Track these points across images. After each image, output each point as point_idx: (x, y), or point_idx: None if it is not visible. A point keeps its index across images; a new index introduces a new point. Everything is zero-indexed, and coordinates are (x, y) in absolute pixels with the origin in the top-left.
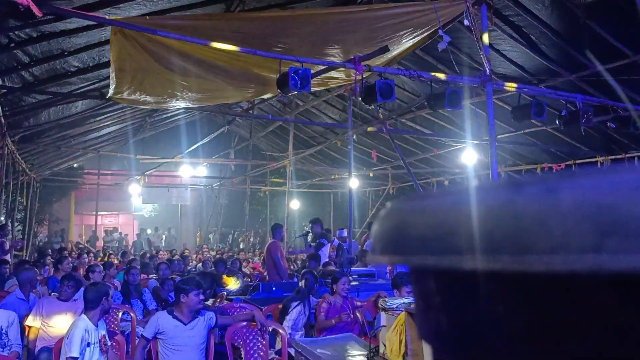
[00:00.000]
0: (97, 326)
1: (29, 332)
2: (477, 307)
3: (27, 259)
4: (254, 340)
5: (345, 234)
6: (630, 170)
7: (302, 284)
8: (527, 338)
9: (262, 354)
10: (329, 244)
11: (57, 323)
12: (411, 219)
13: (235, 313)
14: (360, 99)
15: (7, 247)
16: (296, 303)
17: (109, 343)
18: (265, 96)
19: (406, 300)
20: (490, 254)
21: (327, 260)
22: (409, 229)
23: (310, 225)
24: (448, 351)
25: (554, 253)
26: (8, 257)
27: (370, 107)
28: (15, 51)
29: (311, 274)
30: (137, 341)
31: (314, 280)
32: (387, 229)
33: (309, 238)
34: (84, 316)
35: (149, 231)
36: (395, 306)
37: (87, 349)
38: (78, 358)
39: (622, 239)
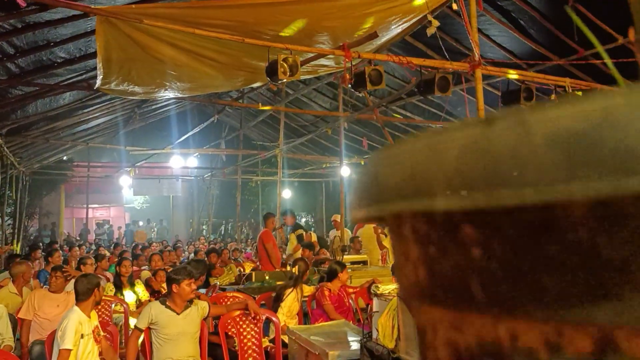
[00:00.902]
0: (89, 317)
1: (21, 325)
2: (452, 252)
3: (18, 252)
4: (248, 329)
5: (338, 218)
6: (601, 97)
7: (295, 270)
8: (505, 279)
9: (256, 342)
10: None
11: (49, 315)
12: (384, 168)
13: (229, 302)
14: (350, 86)
15: None
16: (290, 290)
17: (102, 334)
18: (255, 85)
19: None
20: (463, 191)
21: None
22: (381, 177)
23: (282, 217)
24: (430, 303)
25: (527, 185)
26: None
27: (361, 95)
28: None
29: (303, 260)
30: (130, 332)
31: (306, 266)
32: (361, 183)
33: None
34: (76, 308)
35: (140, 223)
36: (387, 292)
37: (81, 340)
38: (72, 350)
39: (593, 166)
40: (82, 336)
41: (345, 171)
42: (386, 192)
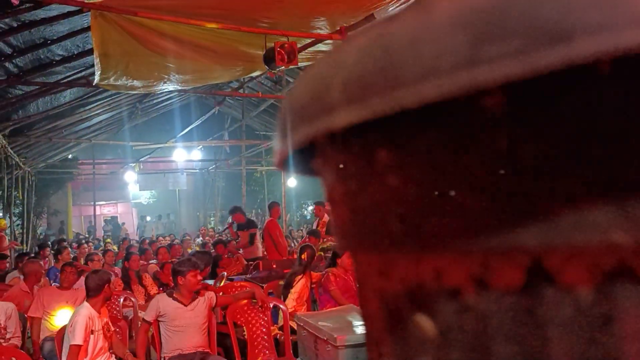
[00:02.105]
0: (99, 313)
1: (31, 323)
2: (369, 183)
3: (27, 251)
4: (256, 318)
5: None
6: None
7: (304, 256)
8: (423, 207)
9: (264, 330)
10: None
11: (59, 312)
12: (295, 93)
13: (236, 292)
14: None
15: (6, 242)
16: (300, 276)
17: (112, 329)
18: (254, 74)
19: None
20: (361, 99)
21: None
22: (291, 105)
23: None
24: (357, 248)
25: (424, 78)
26: (7, 251)
27: None
28: None
29: (310, 246)
30: (139, 325)
31: (313, 253)
32: (277, 119)
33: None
34: (86, 304)
35: (148, 218)
36: None
37: (91, 336)
38: (82, 345)
39: (500, 43)
40: (92, 332)
41: None
42: (292, 118)
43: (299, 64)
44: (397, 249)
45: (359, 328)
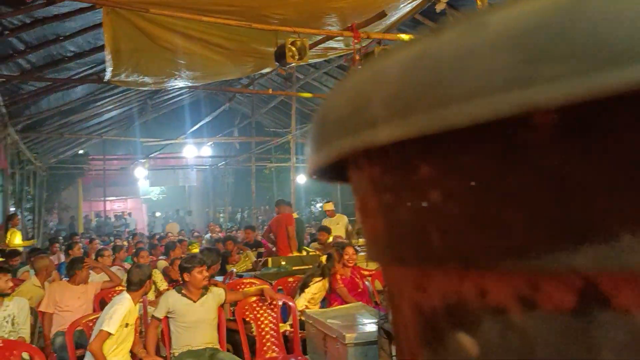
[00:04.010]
0: (135, 307)
1: (43, 317)
2: (408, 197)
3: (38, 247)
4: (265, 314)
5: (331, 207)
6: None
7: (323, 259)
8: (467, 224)
9: (273, 327)
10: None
11: (71, 307)
12: (330, 104)
13: (245, 289)
14: (360, 67)
15: (18, 238)
16: (318, 279)
17: (142, 327)
18: (265, 70)
19: None
20: (405, 115)
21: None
22: (327, 116)
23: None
24: (392, 261)
25: (475, 96)
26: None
27: None
28: (9, 39)
29: (337, 252)
30: (149, 321)
31: (338, 258)
32: (311, 129)
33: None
34: (128, 296)
35: (157, 214)
36: None
37: (125, 329)
38: (113, 335)
39: (558, 62)
40: (126, 325)
41: None
42: (328, 130)
43: (309, 60)
44: (436, 265)
45: (368, 326)
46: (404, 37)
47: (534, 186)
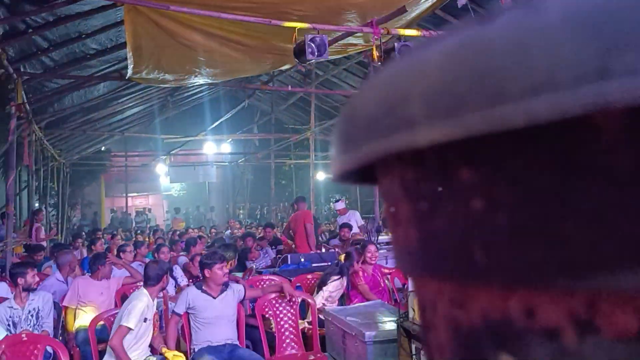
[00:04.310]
0: (154, 303)
1: (65, 312)
2: (447, 206)
3: (62, 242)
4: (284, 311)
5: (342, 205)
6: None
7: (342, 258)
8: (517, 237)
9: (292, 323)
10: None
11: (93, 302)
12: (361, 101)
13: (265, 285)
14: (380, 63)
15: (42, 232)
16: (336, 277)
17: (158, 321)
18: (284, 67)
19: None
20: (450, 115)
21: (358, 229)
22: (357, 115)
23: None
24: (425, 274)
25: (537, 92)
26: (43, 242)
27: None
28: (33, 37)
29: (356, 251)
30: (169, 317)
31: (358, 257)
32: (337, 127)
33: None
34: (145, 291)
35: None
36: None
37: (143, 324)
38: (133, 330)
39: (638, 51)
40: (145, 320)
41: None
42: (359, 130)
43: (329, 57)
44: (478, 280)
45: (388, 324)
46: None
47: (602, 196)
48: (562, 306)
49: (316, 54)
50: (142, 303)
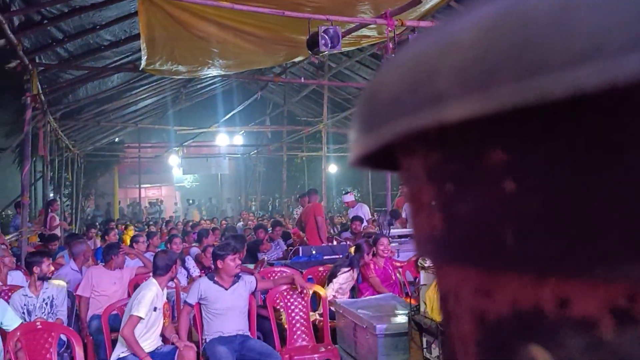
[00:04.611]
0: (163, 292)
1: (80, 301)
2: (476, 189)
3: (76, 232)
4: (295, 303)
5: (351, 197)
6: None
7: (352, 250)
8: (551, 222)
9: (303, 315)
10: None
11: (107, 292)
12: (384, 79)
13: (276, 277)
14: (393, 56)
15: (56, 222)
16: (346, 269)
17: (169, 311)
18: (297, 59)
19: None
20: (484, 88)
21: (366, 222)
22: (380, 92)
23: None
24: (450, 261)
25: (584, 60)
26: (57, 231)
27: None
28: (48, 28)
29: (367, 243)
30: (181, 307)
31: (368, 249)
32: (358, 107)
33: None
34: (154, 280)
35: (190, 202)
36: None
37: (153, 312)
38: (144, 319)
39: None
40: (155, 309)
41: None
42: (381, 110)
43: (342, 49)
44: (507, 268)
45: (399, 317)
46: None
47: None
48: (599, 296)
49: (329, 45)
50: (152, 292)
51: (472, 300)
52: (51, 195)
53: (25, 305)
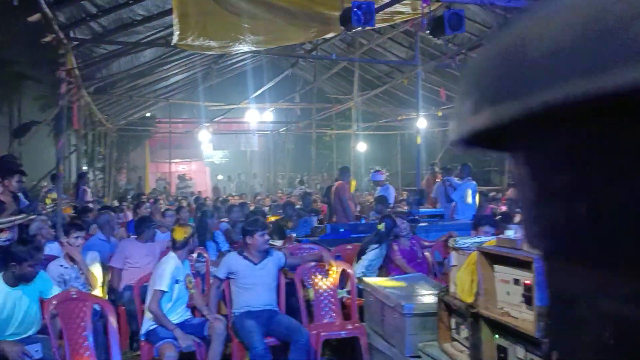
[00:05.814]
0: (183, 265)
1: (113, 272)
2: (629, 176)
3: (109, 205)
4: (323, 280)
5: (381, 177)
6: None
7: (381, 227)
8: None
9: (331, 292)
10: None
11: (139, 263)
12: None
13: (304, 254)
14: (428, 32)
15: (88, 194)
16: (375, 245)
17: (193, 281)
18: (328, 35)
19: (478, 240)
20: (615, 65)
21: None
22: (487, 71)
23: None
24: (579, 263)
25: None
26: (90, 204)
27: (438, 42)
28: (82, 2)
29: (390, 217)
30: (211, 281)
31: (392, 223)
32: (465, 83)
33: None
34: (173, 254)
35: (219, 177)
36: (466, 245)
37: (176, 285)
38: (167, 292)
39: None
40: (176, 281)
41: (421, 123)
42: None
43: (375, 25)
44: None
45: (427, 297)
46: None
47: None
48: None
49: (362, 21)
50: (170, 265)
51: (608, 305)
52: (84, 168)
53: (61, 274)
